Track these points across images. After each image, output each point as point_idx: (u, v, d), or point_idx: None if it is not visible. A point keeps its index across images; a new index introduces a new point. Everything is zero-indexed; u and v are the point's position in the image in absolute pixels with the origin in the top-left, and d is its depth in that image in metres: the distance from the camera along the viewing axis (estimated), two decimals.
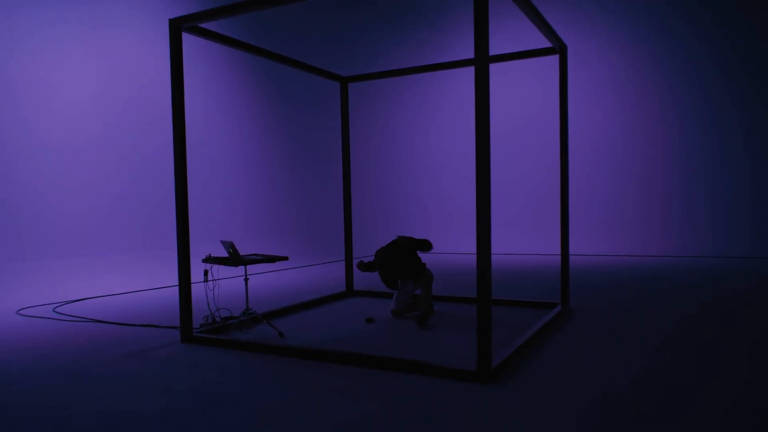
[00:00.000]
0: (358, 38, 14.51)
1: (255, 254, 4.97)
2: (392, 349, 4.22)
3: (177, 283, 8.41)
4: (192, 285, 7.97)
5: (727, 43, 10.89)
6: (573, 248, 11.84)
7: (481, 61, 3.31)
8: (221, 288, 7.75)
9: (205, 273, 4.62)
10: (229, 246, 4.54)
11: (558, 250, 11.94)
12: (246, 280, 4.64)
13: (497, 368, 3.46)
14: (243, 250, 10.58)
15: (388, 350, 4.18)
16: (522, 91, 12.77)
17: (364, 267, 5.53)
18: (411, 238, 5.42)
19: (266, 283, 8.35)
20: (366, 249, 13.34)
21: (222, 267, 9.31)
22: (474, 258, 11.55)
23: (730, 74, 10.90)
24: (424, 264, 5.49)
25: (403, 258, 5.40)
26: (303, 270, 9.93)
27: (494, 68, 13.10)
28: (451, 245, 13.17)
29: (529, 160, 12.77)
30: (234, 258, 4.56)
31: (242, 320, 4.77)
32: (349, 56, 14.49)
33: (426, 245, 5.41)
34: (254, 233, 11.22)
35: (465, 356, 3.95)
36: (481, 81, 3.30)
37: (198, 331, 4.67)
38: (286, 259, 4.61)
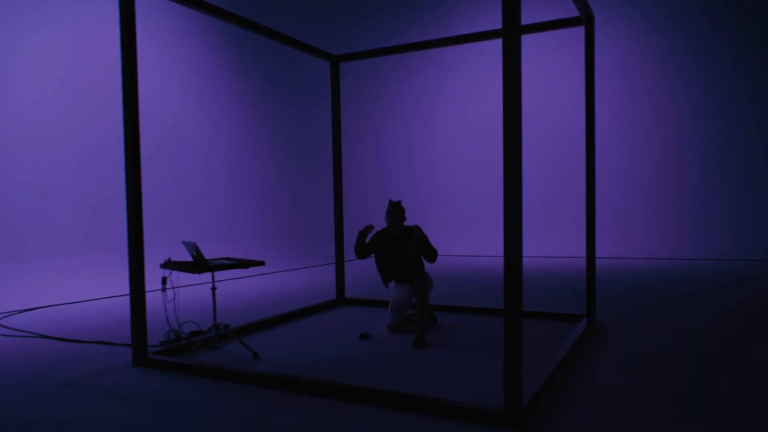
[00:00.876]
0: (353, 22, 13.71)
1: (227, 258, 4.16)
2: (390, 375, 3.42)
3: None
4: (154, 294, 7.14)
5: (744, 40, 10.19)
6: (582, 251, 11.08)
7: (512, 32, 2.51)
8: (190, 298, 6.92)
9: (163, 280, 3.81)
10: (193, 248, 3.72)
11: (564, 252, 11.18)
12: (213, 289, 3.83)
13: (528, 407, 2.67)
14: (221, 253, 9.75)
15: (384, 377, 3.38)
16: (522, 81, 12.01)
17: (360, 249, 4.67)
18: (425, 239, 4.58)
19: (245, 290, 7.54)
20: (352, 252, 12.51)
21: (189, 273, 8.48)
22: (476, 261, 10.76)
23: (749, 73, 10.19)
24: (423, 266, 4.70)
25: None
26: (289, 275, 9.11)
27: (490, 58, 12.34)
28: (450, 247, 12.39)
29: (530, 158, 12.01)
30: (198, 263, 3.75)
31: (208, 337, 3.96)
32: (344, 43, 13.69)
33: (433, 254, 4.58)
34: (233, 233, 10.38)
35: (483, 386, 3.16)
36: (511, 56, 2.51)
37: (154, 351, 3.84)
38: (261, 264, 3.81)
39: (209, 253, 9.37)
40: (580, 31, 11.57)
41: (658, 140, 10.92)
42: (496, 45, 12.34)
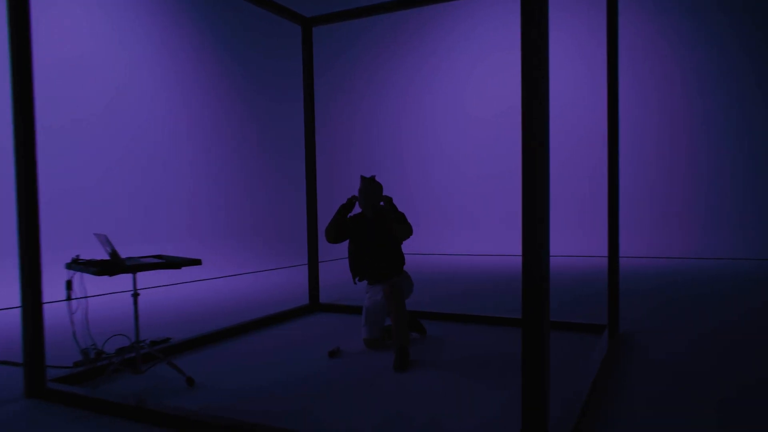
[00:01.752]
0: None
1: (158, 256, 3.28)
2: (363, 407, 2.56)
3: (48, 300, 6.69)
4: (78, 302, 6.28)
5: (760, 35, 9.43)
6: (586, 250, 10.28)
7: None
8: (122, 306, 6.03)
9: (68, 284, 2.93)
10: (106, 242, 2.85)
11: (563, 252, 10.38)
12: (135, 296, 2.95)
13: None
14: (177, 254, 8.84)
15: (357, 409, 2.52)
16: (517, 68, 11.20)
17: (336, 227, 3.78)
18: (392, 208, 3.74)
19: (203, 295, 6.66)
20: (338, 251, 11.65)
21: (100, 276, 7.56)
22: (471, 261, 9.92)
23: (765, 70, 9.43)
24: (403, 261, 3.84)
25: (383, 236, 3.74)
26: (258, 276, 8.24)
27: (489, 41, 11.52)
28: (442, 246, 11.55)
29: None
30: (112, 261, 2.87)
31: (129, 358, 3.09)
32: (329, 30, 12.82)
33: (406, 228, 3.67)
34: (198, 230, 9.48)
35: (482, 419, 2.30)
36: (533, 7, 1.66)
37: (56, 378, 2.96)
38: (197, 263, 2.94)
39: (157, 253, 8.46)
40: (578, 23, 10.77)
41: (666, 136, 10.15)
42: (495, 32, 11.52)
